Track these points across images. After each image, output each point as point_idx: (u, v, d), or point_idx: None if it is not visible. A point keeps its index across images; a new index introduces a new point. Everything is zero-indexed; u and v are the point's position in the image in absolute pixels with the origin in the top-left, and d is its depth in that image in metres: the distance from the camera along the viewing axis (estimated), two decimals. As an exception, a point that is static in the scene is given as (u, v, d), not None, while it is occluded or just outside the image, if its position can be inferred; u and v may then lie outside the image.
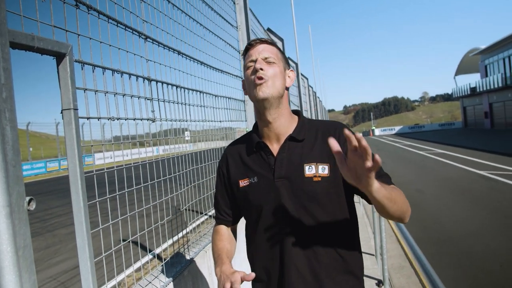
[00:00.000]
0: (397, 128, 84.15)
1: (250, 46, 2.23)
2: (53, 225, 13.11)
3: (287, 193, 2.12)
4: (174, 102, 3.35)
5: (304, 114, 16.15)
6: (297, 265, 2.09)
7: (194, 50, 3.97)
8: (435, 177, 17.28)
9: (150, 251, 3.02)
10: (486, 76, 57.15)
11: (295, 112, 2.36)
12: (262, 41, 2.21)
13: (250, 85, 2.19)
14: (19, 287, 1.36)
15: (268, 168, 2.19)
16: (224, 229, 2.50)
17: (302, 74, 17.66)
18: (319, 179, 2.09)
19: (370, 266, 6.70)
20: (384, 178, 2.09)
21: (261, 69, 2.12)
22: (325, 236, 2.12)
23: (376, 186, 1.68)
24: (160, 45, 3.18)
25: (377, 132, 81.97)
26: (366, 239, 8.11)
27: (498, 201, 11.92)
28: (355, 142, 1.53)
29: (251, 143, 2.30)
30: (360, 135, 1.52)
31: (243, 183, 2.27)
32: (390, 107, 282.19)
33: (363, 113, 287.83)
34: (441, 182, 15.85)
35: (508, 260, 7.44)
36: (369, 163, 1.54)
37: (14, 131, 1.40)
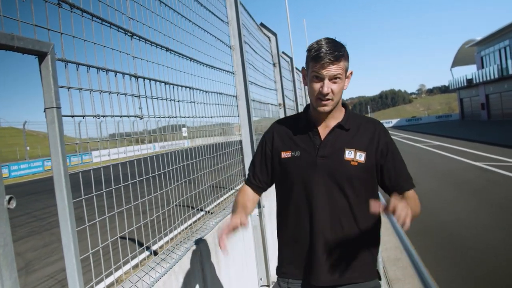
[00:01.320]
0: (394, 121, 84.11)
1: (319, 60, 2.32)
2: (50, 223, 13.11)
3: (326, 170, 2.45)
4: (162, 99, 3.35)
5: (300, 109, 16.13)
6: (325, 234, 2.45)
7: (183, 46, 3.97)
8: (432, 169, 17.30)
9: (147, 248, 3.04)
10: (482, 67, 57.14)
11: (342, 104, 2.63)
12: (331, 60, 2.30)
13: (313, 95, 2.43)
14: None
15: (313, 146, 2.52)
16: (250, 191, 2.83)
17: (297, 68, 17.62)
18: (356, 163, 2.44)
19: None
20: (406, 182, 2.57)
21: (328, 93, 2.36)
22: (352, 214, 2.47)
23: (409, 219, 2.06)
24: (147, 42, 3.18)
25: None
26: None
27: (495, 193, 11.95)
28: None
29: (301, 123, 2.63)
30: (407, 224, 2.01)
31: (285, 154, 2.60)
32: (388, 100, 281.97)
33: (360, 106, 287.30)
34: (438, 174, 15.87)
35: (503, 251, 7.47)
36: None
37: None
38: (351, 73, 2.51)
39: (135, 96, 2.90)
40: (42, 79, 1.93)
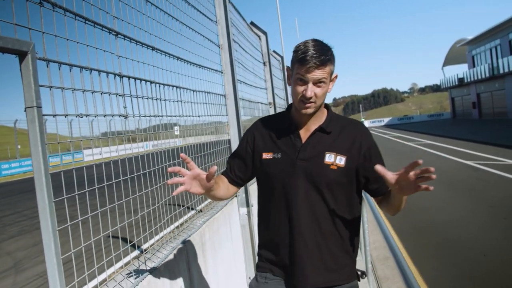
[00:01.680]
0: (386, 120, 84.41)
1: (305, 63, 2.30)
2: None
3: (305, 173, 2.45)
4: (147, 98, 3.35)
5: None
6: (304, 237, 2.46)
7: (170, 45, 3.96)
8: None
9: (135, 247, 3.04)
10: (474, 66, 57.41)
11: (325, 106, 2.62)
12: (316, 65, 2.29)
13: (296, 97, 2.42)
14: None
15: (294, 149, 2.52)
16: (224, 179, 2.83)
17: (288, 67, 17.64)
18: (335, 167, 2.44)
19: (354, 257, 6.74)
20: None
21: (311, 97, 2.35)
22: (331, 217, 2.48)
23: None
24: (132, 41, 3.18)
25: (367, 124, 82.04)
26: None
27: (486, 192, 12.04)
28: (428, 174, 2.09)
29: (283, 124, 2.62)
30: (420, 161, 2.03)
31: (266, 155, 2.60)
32: (380, 99, 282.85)
33: (352, 105, 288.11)
34: (429, 173, 15.89)
35: (492, 249, 7.52)
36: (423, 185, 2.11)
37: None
38: (336, 76, 2.51)
39: (119, 95, 2.90)
40: (23, 78, 1.93)
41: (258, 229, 2.79)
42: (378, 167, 2.15)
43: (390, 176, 2.15)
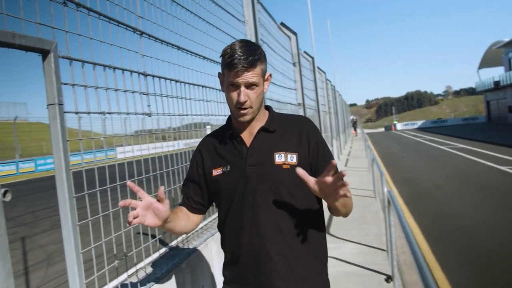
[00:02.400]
0: (419, 123, 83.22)
1: (233, 67, 2.16)
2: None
3: (257, 179, 2.26)
4: (172, 97, 3.39)
5: (322, 108, 16.09)
6: (267, 247, 2.24)
7: (196, 45, 4.00)
8: (455, 172, 17.03)
9: (164, 244, 3.08)
10: (510, 69, 56.20)
11: (266, 107, 2.49)
12: (245, 67, 2.15)
13: (231, 104, 2.26)
14: (-8, 275, 1.42)
15: (240, 157, 2.32)
16: (183, 209, 2.53)
17: (319, 68, 17.59)
18: (288, 166, 2.25)
19: (381, 261, 6.66)
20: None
21: (246, 101, 2.20)
22: (292, 221, 2.28)
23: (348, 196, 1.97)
24: (157, 40, 3.23)
25: (399, 126, 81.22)
26: (379, 234, 8.09)
27: (519, 198, 11.77)
28: (340, 177, 1.87)
29: (225, 135, 2.42)
30: (344, 172, 1.86)
31: (216, 172, 2.39)
32: (413, 101, 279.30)
33: (385, 108, 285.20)
34: (460, 177, 15.62)
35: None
36: (342, 192, 1.90)
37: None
38: (270, 75, 2.38)
39: (143, 94, 2.95)
40: (45, 76, 1.98)
41: (222, 248, 2.54)
42: (299, 170, 1.96)
43: (311, 181, 1.98)
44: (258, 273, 2.28)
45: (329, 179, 1.88)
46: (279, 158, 2.27)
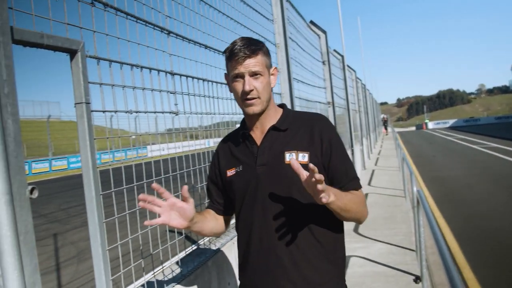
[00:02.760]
0: (451, 122, 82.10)
1: (234, 56, 2.16)
2: (105, 214, 13.47)
3: (267, 179, 2.20)
4: (199, 96, 3.41)
5: (351, 107, 15.99)
6: (277, 249, 2.16)
7: (224, 43, 4.01)
8: (486, 172, 16.72)
9: (192, 242, 3.11)
10: (546, 66, 54.87)
11: (280, 105, 2.45)
12: (246, 54, 2.14)
13: (239, 99, 2.24)
14: (19, 270, 1.45)
15: (252, 156, 2.28)
16: (211, 211, 2.55)
17: (348, 66, 17.47)
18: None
19: (410, 261, 6.59)
20: (351, 182, 2.25)
21: (251, 90, 2.16)
22: (304, 223, 2.18)
23: (330, 200, 1.89)
24: (184, 39, 3.25)
25: (431, 125, 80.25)
26: (409, 234, 8.01)
27: (551, 197, 11.52)
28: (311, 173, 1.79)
29: (238, 135, 2.39)
30: (317, 173, 1.77)
31: (230, 172, 2.36)
32: (445, 100, 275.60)
33: (417, 106, 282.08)
34: (493, 178, 15.33)
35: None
36: (320, 191, 1.82)
37: (16, 124, 1.49)
38: (276, 69, 2.33)
39: (170, 93, 2.97)
40: (73, 76, 2.01)
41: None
42: (293, 161, 1.89)
43: (303, 176, 1.89)
44: (266, 275, 2.20)
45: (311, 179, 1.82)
46: (290, 157, 2.19)
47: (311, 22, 10.20)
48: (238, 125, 2.62)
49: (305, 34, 8.62)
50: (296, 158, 2.16)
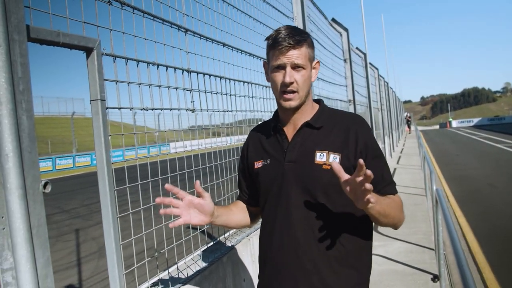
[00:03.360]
0: (475, 120, 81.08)
1: (278, 45, 2.05)
2: (125, 210, 13.60)
3: (294, 176, 2.11)
4: (216, 93, 3.44)
5: (373, 105, 15.89)
6: (298, 253, 2.08)
7: (242, 41, 4.04)
8: (510, 171, 16.49)
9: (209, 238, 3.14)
10: None
11: (316, 101, 2.33)
12: (291, 44, 2.03)
13: (277, 90, 2.13)
14: (31, 262, 1.49)
15: (281, 151, 2.19)
16: (240, 202, 2.53)
17: (371, 64, 17.38)
18: (328, 167, 2.03)
19: (428, 260, 6.55)
20: (388, 187, 2.12)
21: (291, 82, 2.06)
22: (329, 225, 2.08)
23: (370, 205, 1.77)
24: (202, 37, 3.28)
25: (454, 124, 79.41)
26: (428, 233, 7.95)
27: None
28: (363, 173, 1.66)
29: (270, 127, 2.31)
30: (361, 161, 1.65)
31: (257, 164, 2.29)
32: (470, 98, 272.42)
33: (441, 104, 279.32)
34: (517, 177, 15.18)
35: None
36: (367, 191, 1.69)
37: (31, 120, 1.53)
38: (318, 62, 2.23)
39: (187, 90, 3.00)
40: (89, 73, 2.05)
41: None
42: (334, 164, 1.80)
43: (343, 178, 1.79)
44: (285, 276, 2.12)
45: (357, 178, 1.70)
46: (320, 157, 2.08)
47: (333, 19, 10.17)
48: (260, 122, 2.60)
49: (326, 32, 8.60)
50: (327, 159, 2.07)
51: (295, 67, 2.06)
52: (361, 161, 1.64)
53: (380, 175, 2.10)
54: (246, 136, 4.29)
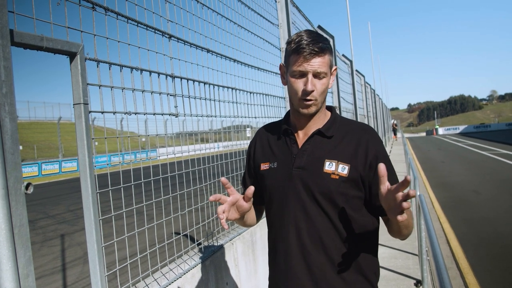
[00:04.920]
0: (461, 128, 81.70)
1: (302, 51, 2.02)
2: (112, 216, 13.57)
3: (302, 184, 2.10)
4: (200, 98, 3.47)
5: (359, 112, 16.00)
6: (307, 260, 2.07)
7: (226, 48, 4.09)
8: (495, 178, 16.65)
9: (197, 242, 3.17)
10: (558, 73, 54.53)
11: (328, 108, 2.31)
12: (315, 52, 2.01)
13: (295, 95, 2.10)
14: (13, 261, 1.52)
15: (290, 156, 2.17)
16: None
17: (357, 71, 17.50)
18: (337, 177, 2.05)
19: (412, 266, 6.62)
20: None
21: (313, 91, 2.03)
22: (336, 234, 2.07)
23: (400, 218, 1.73)
24: (186, 43, 3.32)
25: (441, 131, 79.95)
26: (412, 239, 8.01)
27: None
28: (403, 189, 1.66)
29: (280, 129, 2.27)
30: (409, 178, 1.60)
31: (264, 166, 2.27)
32: (457, 106, 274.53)
33: (428, 112, 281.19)
34: (501, 184, 15.25)
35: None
36: (405, 205, 1.64)
37: (13, 123, 1.56)
38: (336, 69, 2.17)
39: (171, 95, 3.04)
40: (72, 77, 2.09)
41: None
42: (381, 166, 1.75)
43: (385, 187, 1.77)
44: (292, 280, 2.12)
45: (398, 194, 1.68)
46: (329, 166, 2.08)
47: (319, 26, 10.25)
48: (248, 129, 2.59)
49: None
50: (336, 169, 2.06)
51: (317, 75, 2.04)
52: (408, 177, 1.61)
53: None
54: (233, 142, 4.33)
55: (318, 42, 2.00)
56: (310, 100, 2.05)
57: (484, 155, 26.41)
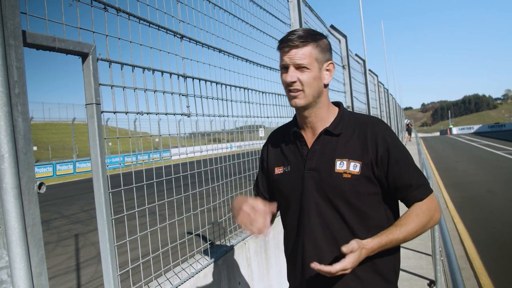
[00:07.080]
0: (475, 127, 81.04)
1: (282, 46, 2.06)
2: (127, 215, 13.62)
3: (314, 185, 2.08)
4: (212, 98, 3.48)
5: (373, 111, 15.93)
6: (320, 258, 2.01)
7: (238, 48, 4.09)
8: (510, 178, 16.49)
9: (209, 242, 3.18)
10: None
11: (336, 103, 2.27)
12: (294, 44, 2.02)
13: (285, 89, 2.11)
14: (26, 260, 1.53)
15: (301, 158, 2.16)
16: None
17: (370, 71, 17.41)
18: (349, 176, 2.03)
19: (425, 266, 6.58)
20: (415, 192, 2.04)
21: (293, 82, 2.03)
22: (351, 233, 2.04)
23: (371, 251, 1.91)
24: (198, 43, 3.32)
25: (455, 131, 79.39)
26: (425, 239, 7.97)
27: None
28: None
29: (290, 132, 2.25)
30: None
31: (278, 170, 2.26)
32: (471, 105, 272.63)
33: (441, 111, 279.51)
34: (516, 183, 15.19)
35: None
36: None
37: (26, 123, 1.57)
38: (331, 64, 2.13)
39: (182, 95, 3.04)
40: (84, 77, 2.10)
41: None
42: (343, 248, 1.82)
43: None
44: (309, 281, 2.12)
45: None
46: (341, 165, 2.05)
47: (332, 26, 10.23)
48: (261, 129, 2.59)
49: (325, 39, 8.64)
50: (347, 167, 2.03)
51: (298, 67, 2.03)
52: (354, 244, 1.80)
53: (406, 181, 2.04)
54: (246, 142, 4.33)
55: (301, 37, 2.01)
56: (294, 91, 2.04)
57: (499, 155, 26.17)
